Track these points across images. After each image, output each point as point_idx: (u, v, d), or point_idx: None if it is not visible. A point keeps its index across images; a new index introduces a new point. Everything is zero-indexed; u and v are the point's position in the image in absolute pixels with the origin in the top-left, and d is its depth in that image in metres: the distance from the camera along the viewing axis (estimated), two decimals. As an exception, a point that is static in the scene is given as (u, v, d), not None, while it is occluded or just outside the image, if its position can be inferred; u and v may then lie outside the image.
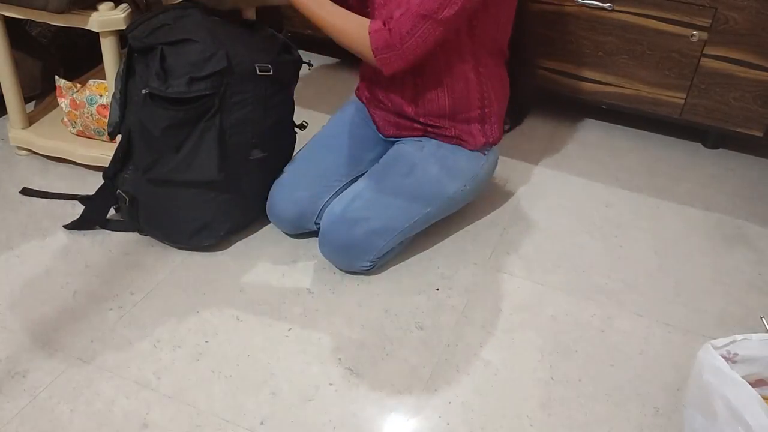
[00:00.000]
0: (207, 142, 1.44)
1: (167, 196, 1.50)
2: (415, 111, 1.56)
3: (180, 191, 1.49)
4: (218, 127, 1.44)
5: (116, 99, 1.50)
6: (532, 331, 1.40)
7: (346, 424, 1.19)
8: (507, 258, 1.58)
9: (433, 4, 1.33)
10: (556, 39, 1.98)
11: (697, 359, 1.07)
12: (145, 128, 1.44)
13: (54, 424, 1.17)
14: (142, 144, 1.47)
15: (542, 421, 1.22)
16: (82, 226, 1.58)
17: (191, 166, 1.45)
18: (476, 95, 1.54)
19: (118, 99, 1.50)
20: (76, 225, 1.58)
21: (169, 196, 1.49)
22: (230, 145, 1.47)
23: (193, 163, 1.45)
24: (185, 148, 1.44)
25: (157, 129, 1.42)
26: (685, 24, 1.83)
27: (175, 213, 1.50)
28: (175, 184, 1.47)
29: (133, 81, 1.47)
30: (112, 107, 1.52)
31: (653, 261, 1.60)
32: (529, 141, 2.04)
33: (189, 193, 1.48)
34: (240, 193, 1.54)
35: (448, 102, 1.53)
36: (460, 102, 1.54)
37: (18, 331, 1.34)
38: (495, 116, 1.58)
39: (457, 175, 1.56)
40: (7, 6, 1.59)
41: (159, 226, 1.54)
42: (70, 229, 1.57)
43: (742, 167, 1.99)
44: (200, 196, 1.49)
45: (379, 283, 1.49)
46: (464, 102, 1.54)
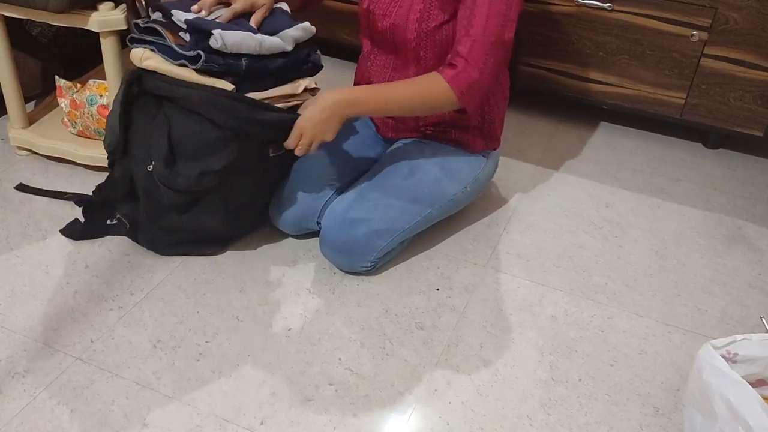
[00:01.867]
0: (213, 206, 1.44)
1: (172, 229, 1.49)
2: (414, 119, 1.57)
3: (186, 223, 1.48)
4: (223, 198, 1.44)
5: (114, 121, 1.44)
6: (532, 331, 1.40)
7: (346, 424, 1.19)
8: (507, 258, 1.58)
9: (497, 29, 1.33)
10: (556, 39, 1.98)
11: (697, 359, 1.07)
12: (151, 195, 1.43)
13: (54, 424, 1.17)
14: (147, 200, 1.46)
15: (542, 421, 1.22)
16: (76, 236, 1.57)
17: (198, 219, 1.46)
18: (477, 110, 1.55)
19: (116, 128, 1.44)
20: (71, 235, 1.57)
21: (175, 228, 1.49)
22: (233, 200, 1.46)
23: (199, 217, 1.45)
24: (192, 211, 1.44)
25: (162, 201, 1.42)
26: (686, 24, 1.83)
27: (179, 235, 1.51)
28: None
29: (134, 131, 1.43)
30: (110, 125, 1.46)
31: (653, 261, 1.60)
32: (529, 141, 2.04)
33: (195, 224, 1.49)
34: (246, 215, 1.55)
35: (448, 115, 1.53)
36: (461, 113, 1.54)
37: (18, 331, 1.34)
38: (495, 122, 1.59)
39: (457, 176, 1.56)
40: (7, 6, 1.59)
41: (160, 244, 1.53)
42: (65, 235, 1.56)
43: (742, 167, 1.99)
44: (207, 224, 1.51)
45: (379, 283, 1.49)
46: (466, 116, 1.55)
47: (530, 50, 2.02)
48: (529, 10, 1.96)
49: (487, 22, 1.33)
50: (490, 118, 1.58)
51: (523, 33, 2.00)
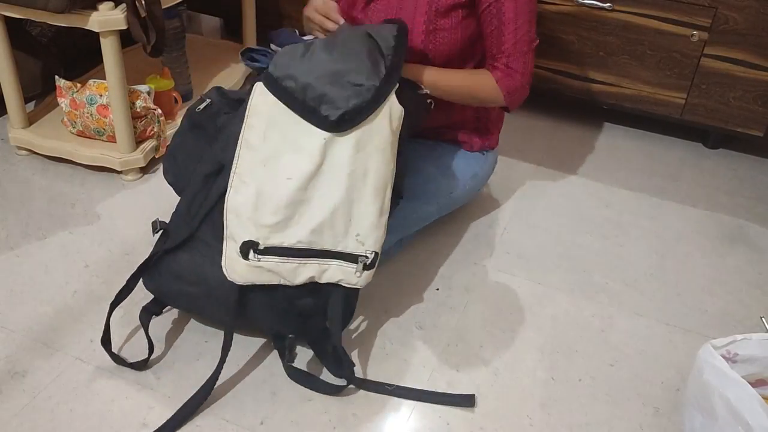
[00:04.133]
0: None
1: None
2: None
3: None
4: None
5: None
6: (532, 331, 1.40)
7: (346, 424, 1.19)
8: (507, 258, 1.58)
9: (527, 38, 1.40)
10: (556, 39, 1.98)
11: (697, 359, 1.07)
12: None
13: (54, 424, 1.17)
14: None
15: (542, 421, 1.22)
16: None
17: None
18: (472, 114, 1.56)
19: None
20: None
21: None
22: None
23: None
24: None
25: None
26: (686, 24, 1.83)
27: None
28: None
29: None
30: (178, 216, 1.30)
31: (653, 261, 1.60)
32: (529, 141, 2.04)
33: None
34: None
35: (444, 117, 1.54)
36: (455, 117, 1.55)
37: (18, 331, 1.34)
38: (491, 121, 1.60)
39: (455, 174, 1.56)
40: (7, 6, 1.59)
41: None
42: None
43: (742, 167, 1.99)
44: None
45: (379, 283, 1.49)
46: (460, 117, 1.56)
47: (530, 50, 2.02)
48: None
49: (517, 36, 1.39)
50: (486, 117, 1.58)
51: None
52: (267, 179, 1.19)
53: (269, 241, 1.18)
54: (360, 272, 1.19)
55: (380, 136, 1.20)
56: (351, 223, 1.19)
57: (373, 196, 1.19)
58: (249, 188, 1.19)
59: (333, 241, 1.19)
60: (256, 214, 1.18)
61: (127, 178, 1.77)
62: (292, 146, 1.19)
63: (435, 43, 1.41)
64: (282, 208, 1.18)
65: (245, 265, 1.19)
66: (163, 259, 1.29)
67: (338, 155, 1.18)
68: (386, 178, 1.21)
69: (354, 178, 1.18)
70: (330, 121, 1.17)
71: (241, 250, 1.19)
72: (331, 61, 1.21)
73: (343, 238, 1.19)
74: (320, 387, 1.25)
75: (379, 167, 1.20)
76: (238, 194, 1.20)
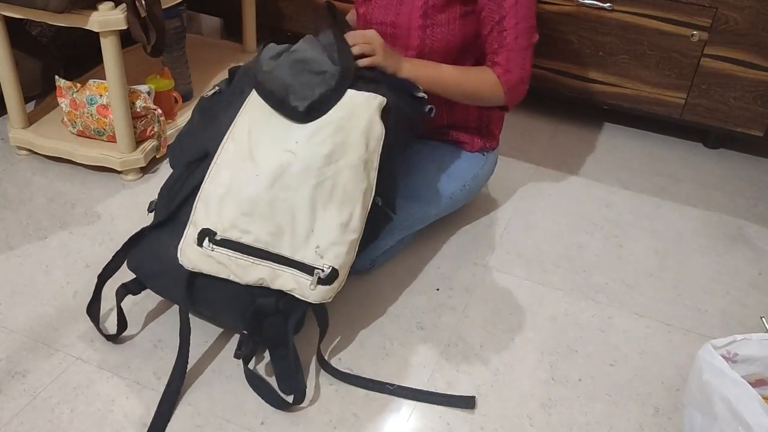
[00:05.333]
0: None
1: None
2: None
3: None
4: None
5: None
6: (532, 331, 1.40)
7: (346, 424, 1.19)
8: (507, 258, 1.58)
9: (527, 35, 1.40)
10: (556, 39, 1.98)
11: (697, 359, 1.07)
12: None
13: (54, 424, 1.17)
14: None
15: (542, 421, 1.22)
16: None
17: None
18: (475, 111, 1.56)
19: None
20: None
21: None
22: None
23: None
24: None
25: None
26: (686, 24, 1.83)
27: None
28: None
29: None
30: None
31: (653, 261, 1.60)
32: (529, 141, 2.04)
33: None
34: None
35: (446, 116, 1.54)
36: (458, 116, 1.55)
37: (18, 331, 1.34)
38: (493, 122, 1.60)
39: (456, 175, 1.56)
40: (7, 6, 1.59)
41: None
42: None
43: (742, 167, 1.99)
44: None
45: (379, 283, 1.49)
46: (463, 116, 1.56)
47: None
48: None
49: (517, 31, 1.39)
50: (488, 118, 1.58)
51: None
52: (241, 173, 1.20)
53: (227, 233, 1.19)
54: (314, 285, 1.17)
55: (354, 153, 1.20)
56: (312, 234, 1.18)
57: (338, 211, 1.18)
58: (223, 180, 1.20)
59: (291, 248, 1.18)
60: (221, 205, 1.20)
61: (127, 178, 1.77)
62: (269, 143, 1.21)
63: (432, 38, 1.41)
64: (244, 202, 1.18)
65: (198, 251, 1.20)
66: (147, 238, 1.31)
67: (309, 162, 1.18)
68: (356, 195, 1.20)
69: (321, 189, 1.18)
70: (299, 111, 1.21)
71: (198, 236, 1.20)
72: (293, 57, 1.27)
73: (302, 248, 1.18)
74: (268, 397, 1.22)
75: (348, 184, 1.19)
76: (212, 184, 1.21)
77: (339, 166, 1.19)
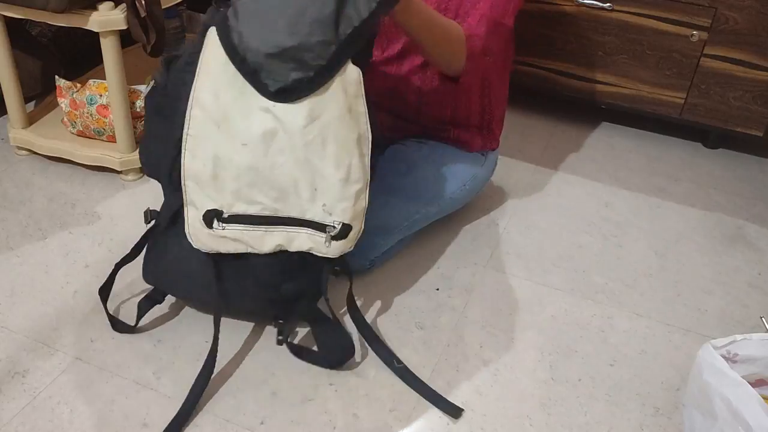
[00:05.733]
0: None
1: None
2: (416, 113, 1.57)
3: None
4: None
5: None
6: (532, 331, 1.40)
7: (346, 424, 1.19)
8: (507, 258, 1.58)
9: (501, 10, 1.38)
10: (556, 39, 1.98)
11: (697, 359, 1.07)
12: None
13: (54, 424, 1.17)
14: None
15: (542, 421, 1.22)
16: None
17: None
18: (478, 108, 1.56)
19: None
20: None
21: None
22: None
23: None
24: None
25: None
26: (685, 24, 1.83)
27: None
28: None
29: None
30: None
31: (653, 261, 1.60)
32: (529, 141, 2.04)
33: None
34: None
35: (449, 111, 1.55)
36: (461, 112, 1.55)
37: (18, 331, 1.34)
38: (494, 121, 1.60)
39: (455, 174, 1.56)
40: (7, 6, 1.59)
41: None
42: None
43: (742, 167, 1.99)
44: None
45: (379, 283, 1.49)
46: (466, 112, 1.56)
47: (530, 50, 2.02)
48: (529, 10, 1.96)
49: (493, 2, 1.38)
50: (490, 117, 1.58)
51: (523, 32, 2.00)
52: (223, 143, 1.14)
53: (233, 209, 1.17)
54: (329, 242, 1.17)
55: (335, 104, 1.12)
56: (317, 193, 1.15)
57: (335, 167, 1.14)
58: (206, 152, 1.15)
59: (300, 209, 1.16)
60: (217, 181, 1.15)
61: (127, 178, 1.77)
62: (243, 109, 1.13)
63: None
64: (242, 174, 1.14)
65: (208, 234, 1.18)
66: (156, 249, 1.31)
67: (291, 124, 1.12)
68: (349, 145, 1.14)
69: (312, 147, 1.13)
70: (268, 90, 1.11)
71: (204, 218, 1.17)
72: (280, 19, 1.11)
73: (310, 206, 1.16)
74: (323, 360, 1.27)
75: (339, 135, 1.13)
76: (195, 159, 1.15)
77: (323, 120, 1.12)
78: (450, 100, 1.53)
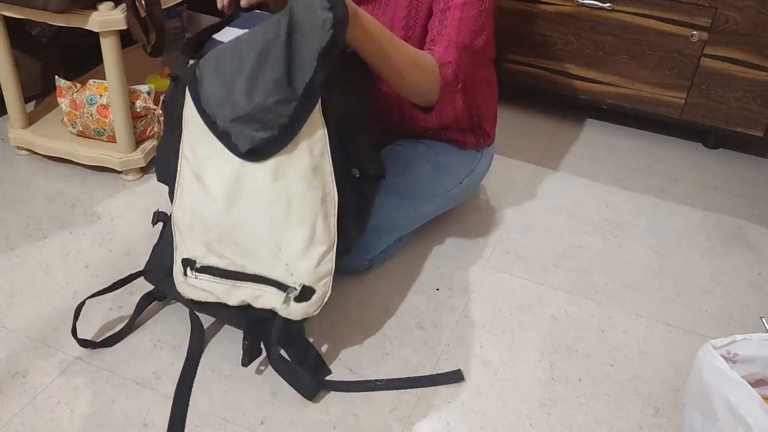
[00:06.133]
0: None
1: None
2: (402, 126, 1.57)
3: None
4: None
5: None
6: (532, 331, 1.40)
7: (346, 424, 1.19)
8: (507, 258, 1.58)
9: (469, 33, 1.33)
10: (557, 39, 1.98)
11: (697, 359, 1.07)
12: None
13: (54, 424, 1.17)
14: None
15: (542, 421, 1.22)
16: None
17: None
18: (465, 113, 1.56)
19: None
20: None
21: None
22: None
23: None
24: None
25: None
26: (685, 24, 1.83)
27: None
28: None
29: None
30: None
31: (653, 261, 1.60)
32: (529, 141, 2.04)
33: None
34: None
35: (436, 120, 1.54)
36: (448, 119, 1.55)
37: (18, 331, 1.34)
38: (485, 119, 1.60)
39: (451, 171, 1.56)
40: (7, 6, 1.59)
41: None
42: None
43: (742, 167, 1.99)
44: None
45: (379, 283, 1.49)
46: (453, 118, 1.55)
47: (530, 50, 2.02)
48: (529, 10, 1.96)
49: (460, 26, 1.33)
50: (479, 118, 1.58)
51: (523, 33, 2.00)
52: (199, 197, 1.18)
53: (205, 260, 1.20)
54: (288, 303, 1.16)
55: (300, 164, 1.13)
56: (281, 252, 1.16)
57: (299, 227, 1.14)
58: (186, 203, 1.20)
59: (266, 268, 1.17)
60: (192, 232, 1.20)
61: (127, 178, 1.77)
62: (214, 166, 1.16)
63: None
64: (210, 229, 1.18)
65: (183, 281, 1.23)
66: (158, 251, 1.34)
67: (257, 182, 1.14)
68: (313, 206, 1.14)
69: (276, 206, 1.14)
70: (240, 152, 1.13)
71: (182, 266, 1.22)
72: (238, 84, 1.11)
73: (274, 266, 1.17)
74: (297, 381, 1.22)
75: (303, 195, 1.13)
76: (179, 209, 1.21)
77: (287, 179, 1.13)
78: (434, 113, 1.52)
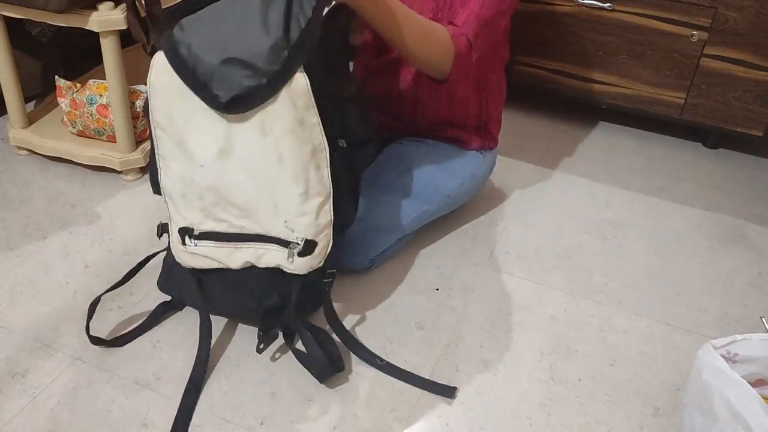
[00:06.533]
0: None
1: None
2: (412, 117, 1.57)
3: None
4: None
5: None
6: (532, 331, 1.40)
7: (346, 424, 1.19)
8: (507, 258, 1.58)
9: (492, 9, 1.33)
10: (556, 39, 1.98)
11: (697, 359, 1.07)
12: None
13: (54, 424, 1.17)
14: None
15: (542, 421, 1.22)
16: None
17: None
18: (475, 109, 1.56)
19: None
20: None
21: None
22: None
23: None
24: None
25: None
26: (686, 24, 1.83)
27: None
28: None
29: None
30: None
31: (653, 261, 1.60)
32: (529, 141, 2.04)
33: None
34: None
35: (446, 113, 1.55)
36: (458, 114, 1.56)
37: (18, 331, 1.34)
38: (491, 122, 1.60)
39: (454, 173, 1.56)
40: (7, 6, 1.59)
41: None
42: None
43: (742, 167, 1.99)
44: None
45: (379, 283, 1.49)
46: (463, 115, 1.56)
47: (530, 50, 2.02)
48: (529, 10, 1.96)
49: (484, 2, 1.33)
50: (487, 118, 1.58)
51: (524, 33, 2.00)
52: (185, 164, 1.16)
53: (203, 226, 1.19)
54: (292, 258, 1.17)
55: (286, 118, 1.09)
56: (278, 209, 1.15)
57: (293, 182, 1.13)
58: (173, 171, 1.17)
59: (264, 226, 1.17)
60: (186, 200, 1.18)
61: (127, 178, 1.77)
62: (196, 129, 1.12)
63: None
64: (204, 194, 1.16)
65: (182, 251, 1.21)
66: (168, 260, 1.34)
67: (245, 140, 1.11)
68: (304, 159, 1.12)
69: (267, 163, 1.12)
70: (220, 101, 1.08)
71: (179, 235, 1.20)
72: (230, 27, 1.09)
73: (273, 223, 1.16)
74: (313, 366, 1.25)
75: (293, 149, 1.11)
76: (167, 177, 1.19)
77: (276, 135, 1.10)
78: (446, 105, 1.54)
